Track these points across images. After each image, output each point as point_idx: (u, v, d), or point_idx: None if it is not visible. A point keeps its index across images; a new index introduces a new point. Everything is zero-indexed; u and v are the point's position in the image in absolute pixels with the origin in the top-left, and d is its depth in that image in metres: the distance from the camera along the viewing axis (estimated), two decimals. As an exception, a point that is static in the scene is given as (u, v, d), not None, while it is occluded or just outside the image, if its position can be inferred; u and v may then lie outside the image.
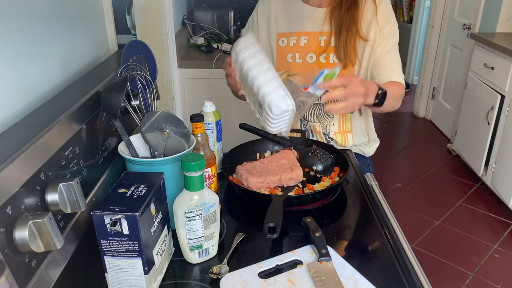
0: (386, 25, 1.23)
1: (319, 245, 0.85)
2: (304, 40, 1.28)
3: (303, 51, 1.28)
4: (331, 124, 1.34)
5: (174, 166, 0.89)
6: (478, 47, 2.97)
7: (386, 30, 1.23)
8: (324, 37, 1.26)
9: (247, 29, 1.40)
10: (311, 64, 1.27)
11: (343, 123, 1.35)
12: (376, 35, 1.23)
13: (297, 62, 1.28)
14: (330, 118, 1.33)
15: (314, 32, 1.27)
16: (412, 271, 0.82)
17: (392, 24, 1.24)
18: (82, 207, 0.81)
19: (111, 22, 1.43)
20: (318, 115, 1.33)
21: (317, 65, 1.27)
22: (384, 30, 1.23)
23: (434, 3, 3.84)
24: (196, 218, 0.80)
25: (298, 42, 1.28)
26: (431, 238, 2.47)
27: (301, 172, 1.11)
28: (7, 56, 0.86)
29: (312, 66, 1.25)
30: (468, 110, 3.14)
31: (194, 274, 0.83)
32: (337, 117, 1.33)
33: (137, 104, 1.09)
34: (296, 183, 1.11)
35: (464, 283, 2.13)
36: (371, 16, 1.23)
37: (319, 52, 1.26)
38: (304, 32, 1.28)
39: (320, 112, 1.33)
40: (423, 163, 3.30)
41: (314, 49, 1.27)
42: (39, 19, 0.99)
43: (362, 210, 1.06)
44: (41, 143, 0.75)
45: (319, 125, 1.34)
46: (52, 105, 0.93)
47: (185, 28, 2.77)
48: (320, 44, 1.26)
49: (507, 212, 2.64)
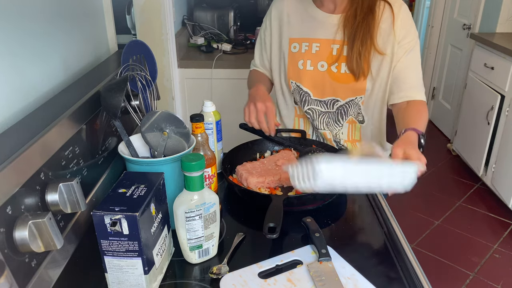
0: (406, 36, 1.17)
1: (319, 245, 0.86)
2: (316, 48, 1.23)
3: (314, 59, 1.24)
4: (340, 132, 1.32)
5: (174, 166, 0.89)
6: (478, 47, 2.97)
7: (405, 41, 1.17)
8: (337, 46, 1.21)
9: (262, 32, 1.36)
10: (321, 73, 1.23)
11: (352, 133, 1.32)
12: (394, 48, 1.17)
13: (307, 69, 1.25)
14: (339, 126, 1.31)
15: (327, 40, 1.22)
16: (412, 271, 0.82)
17: (412, 34, 1.18)
18: (82, 207, 0.81)
19: (111, 22, 1.43)
20: (327, 124, 1.31)
21: (328, 74, 1.22)
22: (403, 41, 1.17)
23: (434, 3, 3.84)
24: (196, 218, 0.80)
25: (310, 49, 1.24)
26: (431, 238, 2.47)
27: None
28: (7, 56, 0.86)
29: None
30: (468, 110, 3.14)
31: (194, 274, 0.83)
32: (346, 126, 1.30)
33: (137, 104, 1.09)
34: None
35: (464, 283, 2.13)
36: (388, 28, 1.16)
37: (331, 61, 1.22)
38: (317, 39, 1.23)
39: (329, 120, 1.30)
40: (423, 163, 3.29)
41: (326, 57, 1.23)
42: (39, 19, 0.98)
43: (362, 210, 1.06)
44: (41, 143, 0.75)
45: (329, 133, 1.32)
46: (52, 105, 0.93)
47: (185, 28, 2.77)
48: (332, 53, 1.22)
49: (507, 212, 2.64)
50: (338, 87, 1.23)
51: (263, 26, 1.35)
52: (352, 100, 1.25)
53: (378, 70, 1.20)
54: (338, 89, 1.24)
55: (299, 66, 1.26)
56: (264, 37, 1.35)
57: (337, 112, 1.28)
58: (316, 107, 1.28)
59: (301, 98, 1.29)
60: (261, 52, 1.38)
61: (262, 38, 1.37)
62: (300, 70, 1.26)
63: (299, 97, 1.30)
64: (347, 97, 1.25)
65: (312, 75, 1.24)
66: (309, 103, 1.29)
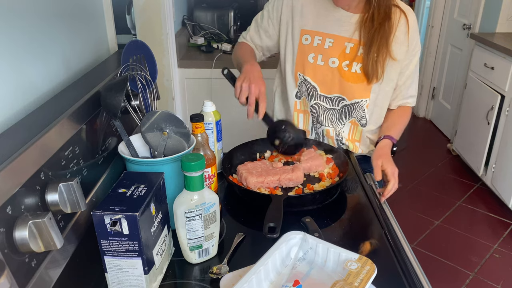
0: (416, 46, 1.23)
1: (319, 245, 0.85)
2: (329, 43, 1.23)
3: (326, 54, 1.23)
4: (342, 130, 1.32)
5: (174, 166, 0.89)
6: (478, 47, 2.97)
7: (414, 51, 1.23)
8: (351, 45, 1.22)
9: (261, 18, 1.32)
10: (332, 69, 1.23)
11: (353, 133, 1.33)
12: (405, 56, 1.22)
13: (318, 64, 1.24)
14: (341, 124, 1.31)
15: (342, 37, 1.22)
16: (412, 271, 0.82)
17: (418, 43, 1.24)
18: (82, 207, 0.81)
19: (111, 22, 1.42)
20: (331, 120, 1.31)
21: (338, 72, 1.23)
22: (412, 51, 1.23)
23: (434, 3, 3.84)
24: (196, 218, 0.80)
25: (323, 44, 1.23)
26: (431, 238, 2.47)
27: (302, 174, 1.11)
28: (7, 56, 0.86)
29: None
30: (468, 110, 3.14)
31: (194, 274, 0.83)
32: (348, 125, 1.31)
33: (137, 104, 1.09)
34: (295, 185, 1.10)
35: (464, 283, 2.13)
36: (403, 36, 1.20)
37: (343, 58, 1.22)
38: (331, 35, 1.23)
39: (333, 117, 1.30)
40: (423, 163, 3.30)
41: (338, 54, 1.23)
42: (39, 20, 0.98)
43: (362, 210, 1.06)
44: (41, 143, 0.75)
45: (332, 130, 1.32)
46: (52, 105, 0.93)
47: (185, 28, 2.77)
48: (345, 51, 1.22)
49: (507, 212, 2.64)
50: (346, 86, 1.24)
51: (270, 9, 1.30)
52: (358, 102, 1.26)
53: (388, 75, 1.23)
54: (346, 88, 1.24)
55: (309, 59, 1.25)
56: (268, 18, 1.31)
57: (341, 110, 1.28)
58: (322, 102, 1.28)
59: (308, 92, 1.29)
60: (257, 30, 1.34)
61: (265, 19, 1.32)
62: (310, 63, 1.25)
63: (305, 91, 1.29)
64: (353, 98, 1.25)
65: (322, 70, 1.24)
66: (315, 98, 1.29)
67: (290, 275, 0.74)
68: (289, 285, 0.71)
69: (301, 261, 0.79)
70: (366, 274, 0.72)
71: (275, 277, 0.76)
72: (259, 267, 0.73)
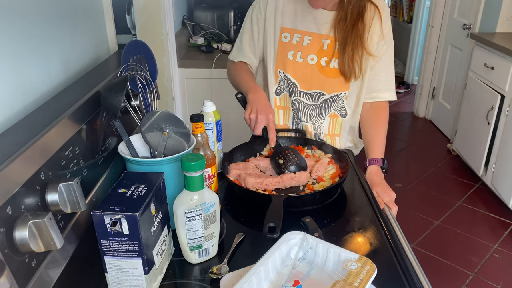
0: (387, 35, 1.25)
1: (319, 245, 0.85)
2: (308, 41, 1.26)
3: (305, 51, 1.26)
4: (322, 126, 1.34)
5: (174, 166, 0.89)
6: (478, 47, 2.97)
7: (387, 38, 1.25)
8: (328, 41, 1.24)
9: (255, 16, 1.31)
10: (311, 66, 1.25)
11: (333, 126, 1.35)
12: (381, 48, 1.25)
13: (297, 61, 1.27)
14: (321, 120, 1.33)
15: (319, 34, 1.25)
16: (412, 271, 0.82)
17: (390, 32, 1.27)
18: (82, 207, 0.81)
19: (111, 22, 1.43)
20: (311, 116, 1.33)
21: (317, 68, 1.26)
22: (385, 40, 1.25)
23: (434, 3, 3.83)
24: (196, 218, 0.80)
25: (301, 41, 1.26)
26: (431, 238, 2.47)
27: (306, 175, 1.11)
28: (7, 56, 0.86)
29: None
30: (468, 110, 3.14)
31: (194, 274, 0.83)
32: (328, 120, 1.33)
33: (137, 104, 1.09)
34: (297, 184, 1.10)
35: (464, 283, 2.13)
36: (378, 31, 1.23)
37: (321, 55, 1.25)
38: (309, 33, 1.25)
39: (312, 113, 1.32)
40: (423, 163, 3.30)
41: (316, 51, 1.26)
42: (40, 20, 0.98)
43: (362, 210, 1.06)
44: (41, 143, 0.75)
45: (311, 125, 1.34)
46: (52, 105, 0.93)
47: (185, 28, 2.77)
48: (323, 47, 1.25)
49: (507, 212, 2.64)
50: (326, 81, 1.26)
51: (255, 11, 1.30)
52: (337, 95, 1.29)
53: (366, 70, 1.26)
54: (325, 83, 1.27)
55: (288, 56, 1.27)
56: (257, 21, 1.30)
57: (321, 105, 1.31)
58: (302, 98, 1.31)
59: (289, 88, 1.31)
60: (251, 37, 1.32)
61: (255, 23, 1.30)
62: (290, 60, 1.27)
63: (286, 87, 1.31)
64: (333, 92, 1.28)
65: (302, 67, 1.27)
66: (295, 94, 1.31)
67: (290, 275, 0.74)
68: (289, 285, 0.71)
69: (301, 261, 0.79)
70: (366, 274, 0.72)
71: (275, 277, 0.76)
72: (259, 267, 0.73)
